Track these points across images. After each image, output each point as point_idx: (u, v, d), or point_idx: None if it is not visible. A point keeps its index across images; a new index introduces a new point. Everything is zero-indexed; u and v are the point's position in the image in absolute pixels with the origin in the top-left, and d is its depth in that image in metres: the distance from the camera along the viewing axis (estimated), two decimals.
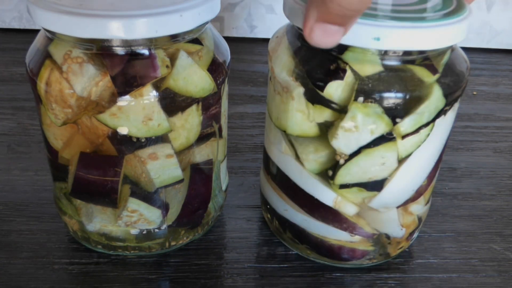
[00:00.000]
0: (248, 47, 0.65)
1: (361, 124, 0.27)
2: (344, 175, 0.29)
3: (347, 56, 0.26)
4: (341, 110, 0.27)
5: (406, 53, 0.26)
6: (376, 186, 0.29)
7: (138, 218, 0.31)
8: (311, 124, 0.28)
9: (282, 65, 0.29)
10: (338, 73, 0.26)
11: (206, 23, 0.29)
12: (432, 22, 0.25)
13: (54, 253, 0.33)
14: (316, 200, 0.30)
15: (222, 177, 0.35)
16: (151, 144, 0.28)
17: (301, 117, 0.28)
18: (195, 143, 0.30)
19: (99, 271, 0.32)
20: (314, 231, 0.32)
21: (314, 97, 0.27)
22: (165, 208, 0.31)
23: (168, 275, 0.32)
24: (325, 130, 0.28)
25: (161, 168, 0.29)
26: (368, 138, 0.27)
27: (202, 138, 0.30)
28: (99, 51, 0.26)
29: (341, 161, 0.28)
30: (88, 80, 0.26)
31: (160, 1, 0.26)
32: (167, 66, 0.27)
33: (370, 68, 0.26)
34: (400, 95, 0.26)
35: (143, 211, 0.31)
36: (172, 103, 0.27)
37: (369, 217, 0.31)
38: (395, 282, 0.33)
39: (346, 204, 0.30)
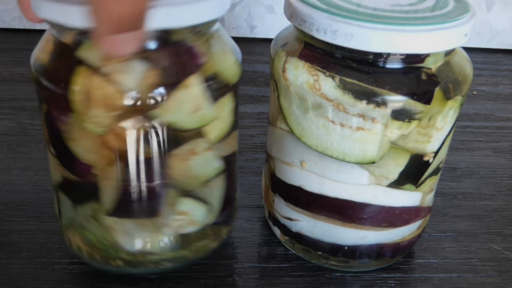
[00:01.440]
0: (248, 47, 0.65)
1: (451, 119, 0.28)
2: (430, 170, 0.30)
3: (429, 61, 0.27)
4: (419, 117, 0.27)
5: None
6: (439, 168, 0.31)
7: (185, 221, 0.30)
8: (388, 143, 0.28)
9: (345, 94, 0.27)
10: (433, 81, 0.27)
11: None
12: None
13: (54, 253, 0.33)
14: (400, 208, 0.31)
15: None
16: (188, 140, 0.27)
17: (387, 141, 0.28)
18: (229, 131, 0.29)
19: (100, 271, 0.32)
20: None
21: (399, 114, 0.27)
22: (209, 204, 0.30)
23: (169, 275, 0.32)
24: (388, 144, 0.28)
25: (203, 162, 0.28)
26: (450, 127, 0.29)
27: (233, 128, 0.30)
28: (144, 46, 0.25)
29: (431, 160, 0.29)
30: (137, 77, 0.25)
31: None
32: (205, 54, 0.26)
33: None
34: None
35: (192, 210, 0.29)
36: (214, 90, 0.27)
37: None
38: (395, 282, 0.33)
39: (429, 196, 0.32)
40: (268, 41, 0.32)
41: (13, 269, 0.32)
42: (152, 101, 0.25)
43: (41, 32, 0.29)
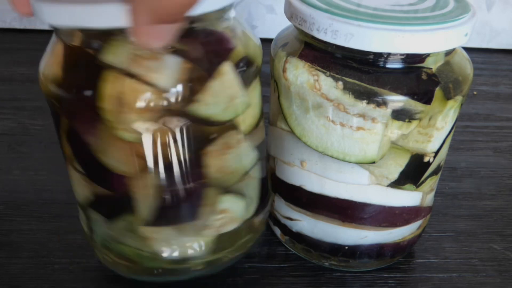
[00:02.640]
0: None
1: (451, 119, 0.28)
2: (430, 170, 0.30)
3: (429, 61, 0.27)
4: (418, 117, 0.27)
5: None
6: (439, 168, 0.31)
7: (225, 219, 0.28)
8: (388, 143, 0.28)
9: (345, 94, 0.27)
10: (433, 81, 0.27)
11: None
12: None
13: (55, 253, 0.33)
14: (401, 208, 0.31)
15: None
16: (222, 134, 0.26)
17: (387, 140, 0.28)
18: (258, 121, 0.28)
19: (100, 270, 0.32)
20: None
21: (400, 114, 0.27)
22: (248, 197, 0.29)
23: None
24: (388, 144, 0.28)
25: (238, 155, 0.27)
26: (450, 127, 0.29)
27: (261, 117, 0.29)
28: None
29: (431, 159, 0.29)
30: (172, 74, 0.23)
31: None
32: (234, 39, 0.25)
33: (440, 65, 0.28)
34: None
35: (232, 207, 0.28)
36: (246, 75, 0.25)
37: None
38: (395, 282, 0.33)
39: (429, 196, 0.32)
40: (268, 41, 0.32)
41: (14, 268, 0.32)
42: (190, 97, 0.23)
43: (42, 32, 0.29)
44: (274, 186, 0.34)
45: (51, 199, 0.38)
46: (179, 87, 0.23)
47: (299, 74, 0.28)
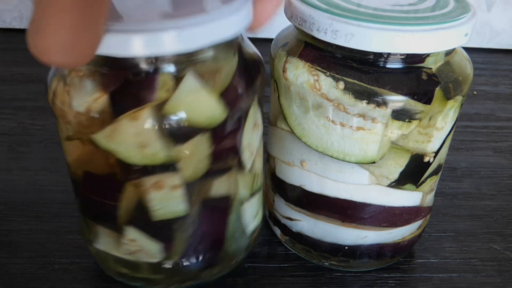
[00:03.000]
0: None
1: (451, 119, 0.28)
2: (430, 170, 0.30)
3: (429, 61, 0.27)
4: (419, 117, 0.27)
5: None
6: (440, 168, 0.31)
7: (138, 249, 0.28)
8: (388, 143, 0.28)
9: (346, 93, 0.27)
10: (433, 81, 0.27)
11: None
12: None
13: (55, 253, 0.33)
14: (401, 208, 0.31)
15: (247, 218, 0.30)
16: (157, 172, 0.25)
17: (387, 140, 0.28)
18: (205, 176, 0.26)
19: (100, 270, 0.32)
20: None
21: (400, 114, 0.27)
22: (167, 243, 0.28)
23: None
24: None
25: (164, 199, 0.26)
26: (450, 127, 0.29)
27: (216, 171, 0.26)
28: (99, 67, 0.23)
29: (431, 160, 0.29)
30: (84, 96, 0.23)
31: (164, 12, 0.22)
32: (168, 90, 0.23)
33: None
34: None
35: (142, 243, 0.28)
36: (174, 131, 0.24)
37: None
38: (395, 282, 0.33)
39: (429, 196, 0.32)
40: (268, 41, 0.32)
41: (13, 269, 0.32)
42: (98, 125, 0.24)
43: None
44: (274, 186, 0.34)
45: (51, 199, 0.38)
46: (86, 111, 0.23)
47: (299, 74, 0.28)
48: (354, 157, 0.28)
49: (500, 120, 0.52)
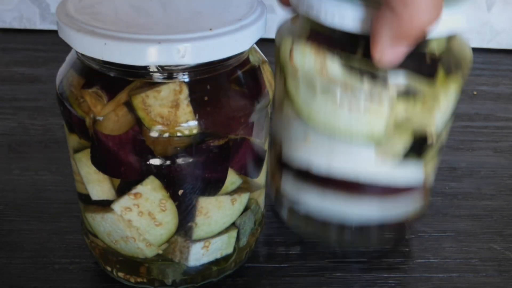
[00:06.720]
0: None
1: (453, 100, 0.29)
2: (433, 150, 0.31)
3: (432, 45, 0.28)
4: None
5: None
6: (441, 148, 0.33)
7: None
8: (394, 123, 0.29)
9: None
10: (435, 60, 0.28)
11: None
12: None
13: (55, 253, 0.33)
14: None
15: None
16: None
17: (393, 119, 0.28)
18: None
19: (100, 270, 0.32)
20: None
21: (404, 94, 0.27)
22: None
23: None
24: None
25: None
26: (451, 108, 0.30)
27: None
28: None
29: (434, 139, 0.30)
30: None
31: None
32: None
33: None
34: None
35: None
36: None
37: None
38: (395, 282, 0.33)
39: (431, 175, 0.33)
40: (268, 41, 0.32)
41: (14, 269, 0.32)
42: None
43: (42, 32, 0.29)
44: (281, 169, 0.34)
45: (51, 199, 0.38)
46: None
47: (306, 58, 0.28)
48: (361, 138, 0.29)
49: (500, 120, 0.52)
